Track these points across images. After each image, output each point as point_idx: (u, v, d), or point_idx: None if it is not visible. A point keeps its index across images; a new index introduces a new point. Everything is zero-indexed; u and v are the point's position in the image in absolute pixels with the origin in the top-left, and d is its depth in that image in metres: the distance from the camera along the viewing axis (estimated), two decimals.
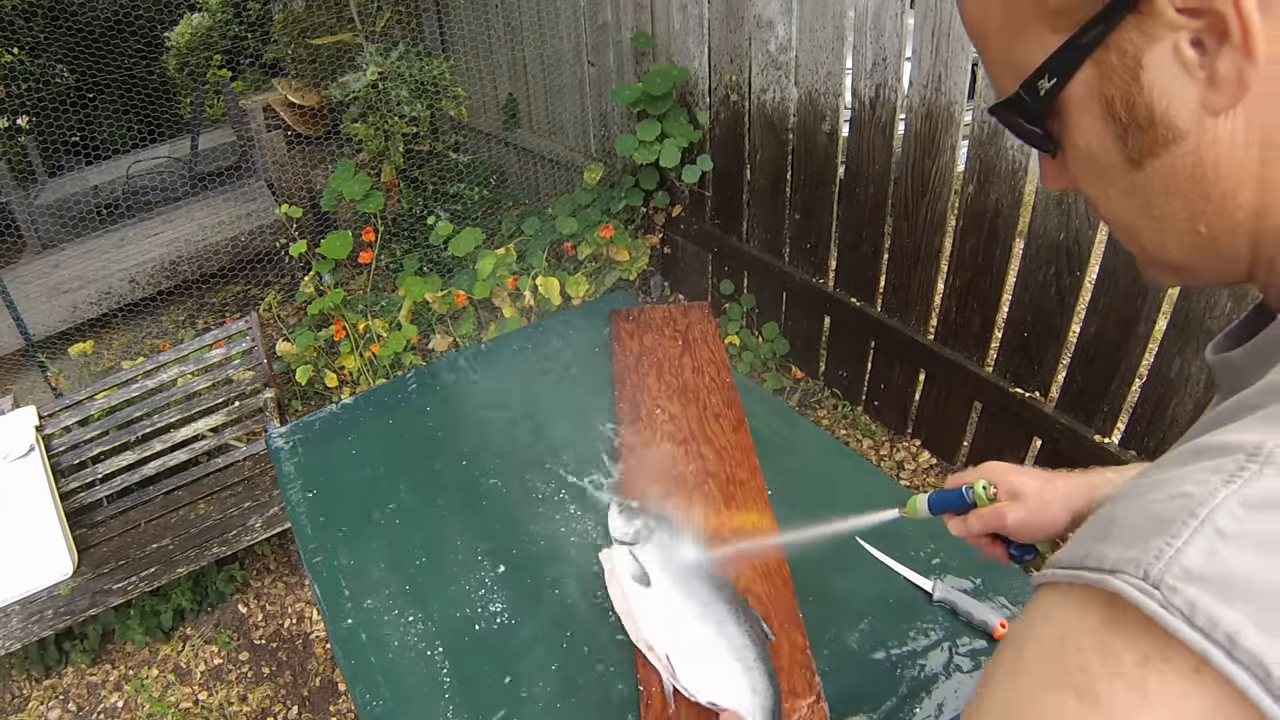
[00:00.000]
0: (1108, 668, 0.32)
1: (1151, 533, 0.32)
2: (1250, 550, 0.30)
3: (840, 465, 1.41)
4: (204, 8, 6.25)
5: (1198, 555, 0.31)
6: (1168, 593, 0.31)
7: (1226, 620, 0.29)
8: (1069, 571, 0.36)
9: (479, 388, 1.70)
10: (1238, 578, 0.30)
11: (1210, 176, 0.42)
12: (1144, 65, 0.41)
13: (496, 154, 4.82)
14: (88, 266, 4.30)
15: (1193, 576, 0.30)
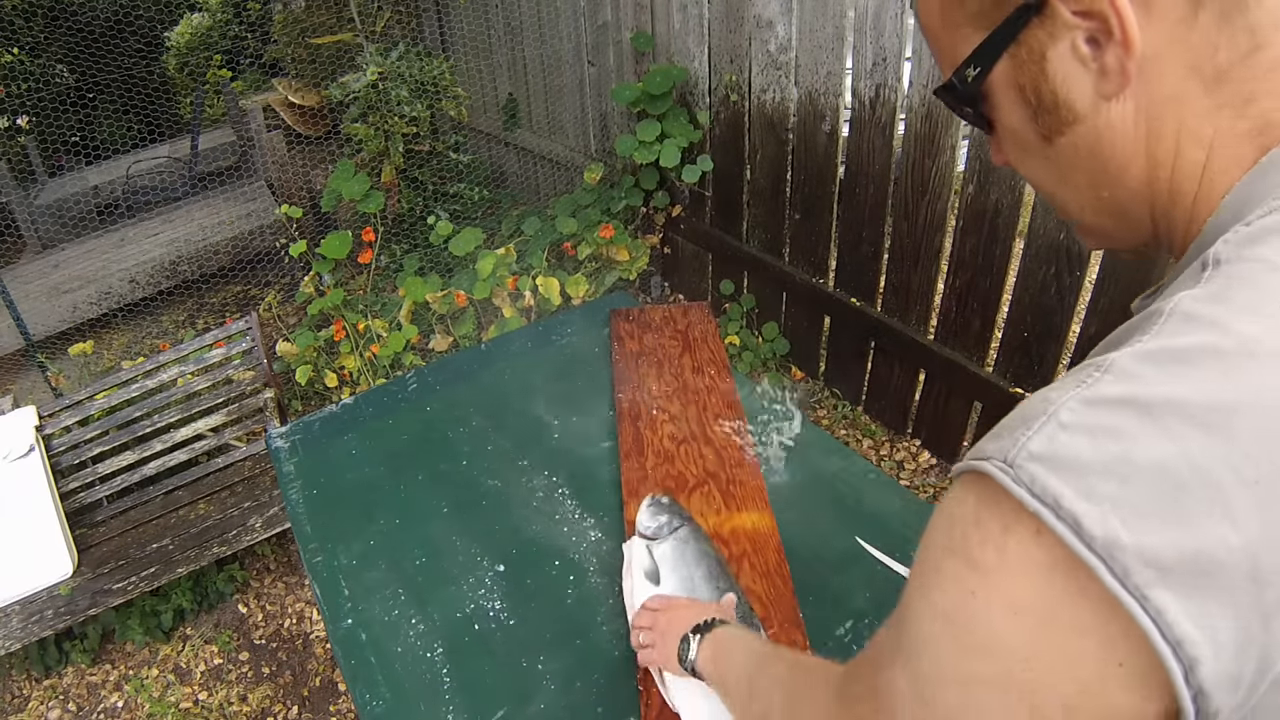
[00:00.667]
0: (980, 535, 0.41)
1: (1016, 428, 0.42)
2: (1079, 435, 0.39)
3: (840, 465, 1.41)
4: (204, 8, 6.25)
5: (1041, 441, 0.40)
6: (1018, 470, 0.40)
7: (1053, 487, 0.38)
8: (964, 463, 0.44)
9: (479, 388, 1.70)
10: (1065, 458, 0.38)
11: (1107, 152, 0.51)
12: (1048, 59, 0.50)
13: (496, 154, 4.82)
14: (88, 266, 4.30)
15: (1035, 457, 0.39)
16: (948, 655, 0.43)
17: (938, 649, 0.44)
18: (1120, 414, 0.38)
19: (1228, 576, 0.35)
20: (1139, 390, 0.39)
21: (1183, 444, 0.36)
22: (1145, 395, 0.38)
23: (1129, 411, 0.38)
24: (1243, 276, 0.42)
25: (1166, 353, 0.40)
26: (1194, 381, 0.38)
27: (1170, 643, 0.36)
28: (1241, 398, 0.37)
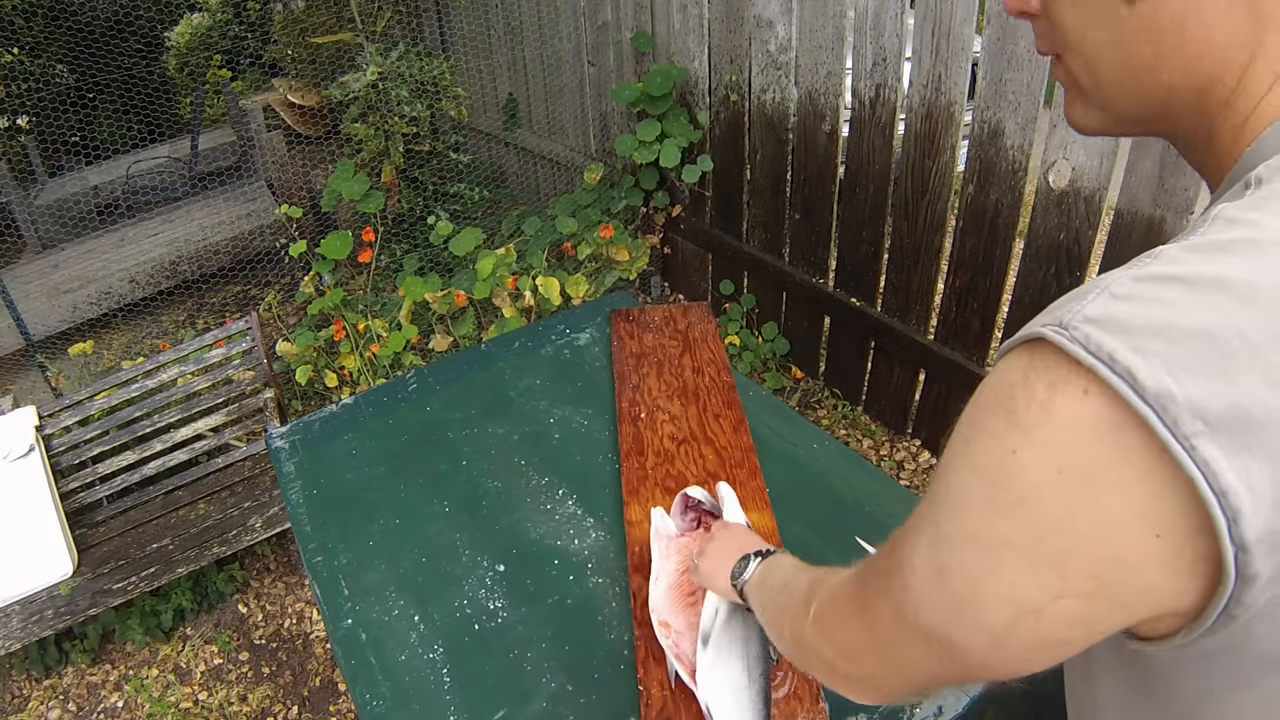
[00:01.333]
0: (1026, 395, 0.42)
1: (1069, 301, 0.43)
2: (1131, 304, 0.41)
3: (840, 465, 1.41)
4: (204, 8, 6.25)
5: (1095, 308, 0.41)
6: (1072, 331, 0.41)
7: (1108, 344, 0.40)
8: (1009, 340, 0.45)
9: (479, 388, 1.70)
10: (1118, 320, 0.40)
11: (1189, 32, 0.47)
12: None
13: (496, 154, 4.82)
14: (88, 266, 4.30)
15: (1090, 320, 0.41)
16: (976, 515, 0.44)
17: (965, 507, 0.44)
18: (1168, 287, 0.41)
19: (1266, 434, 0.37)
20: (1185, 270, 0.41)
21: (1225, 313, 0.39)
22: (1191, 273, 0.41)
23: (1176, 285, 0.40)
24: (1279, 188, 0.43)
25: (1210, 244, 0.42)
26: (1234, 264, 0.40)
27: (1216, 493, 0.37)
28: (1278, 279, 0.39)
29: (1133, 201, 1.94)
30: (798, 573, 0.75)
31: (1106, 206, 2.02)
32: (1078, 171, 2.02)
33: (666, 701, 1.02)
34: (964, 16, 2.11)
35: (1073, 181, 2.04)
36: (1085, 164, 2.00)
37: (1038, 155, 2.11)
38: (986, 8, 2.06)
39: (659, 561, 1.13)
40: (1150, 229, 1.93)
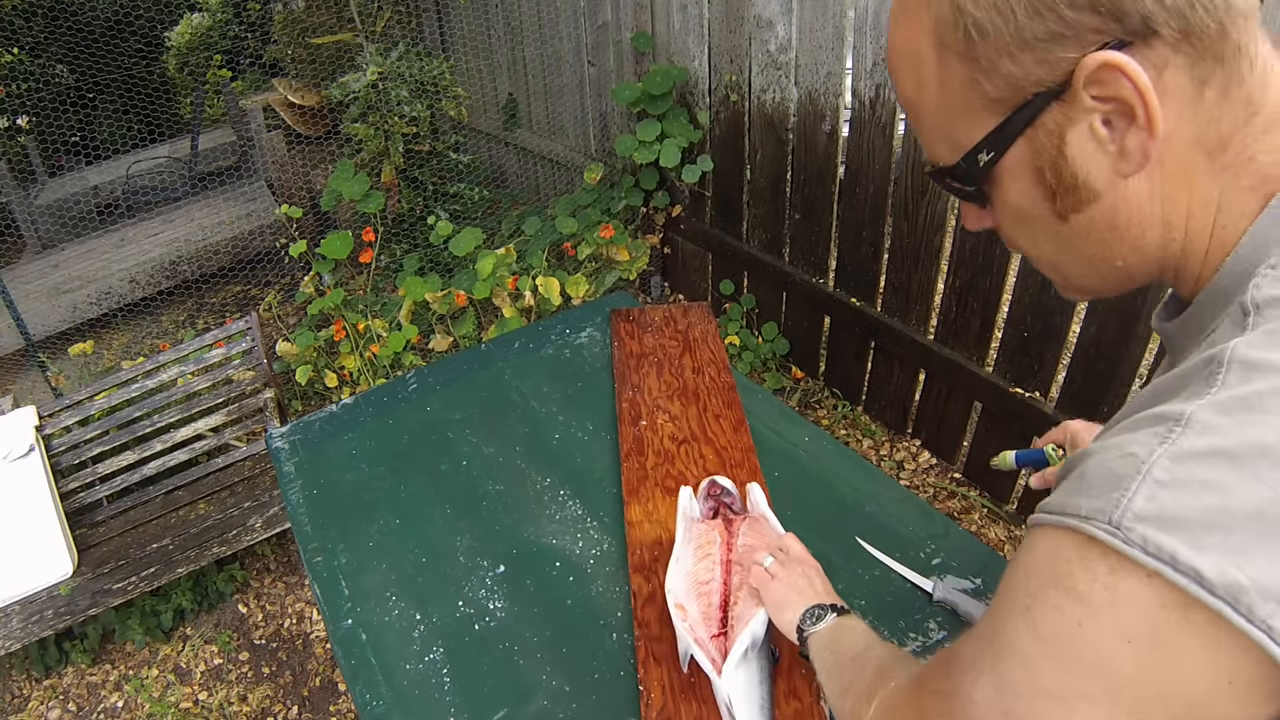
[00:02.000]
0: (1087, 574, 0.44)
1: (1111, 487, 0.44)
2: (1178, 492, 0.42)
3: (840, 465, 1.41)
4: (204, 8, 6.25)
5: (1142, 502, 0.42)
6: (1126, 532, 0.42)
7: (1168, 545, 0.41)
8: (1055, 517, 0.47)
9: (479, 388, 1.70)
10: (1171, 515, 0.41)
11: (1123, 224, 0.53)
12: (1067, 141, 0.51)
13: (496, 154, 4.82)
14: (88, 266, 4.30)
15: (1141, 518, 0.42)
16: (1046, 673, 0.46)
17: (1034, 665, 0.46)
18: (1211, 467, 0.42)
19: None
20: (1222, 441, 0.42)
21: (1272, 485, 0.40)
22: (1229, 445, 0.42)
23: (1219, 463, 0.41)
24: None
25: (1238, 402, 0.43)
26: (1268, 425, 0.41)
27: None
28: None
29: None
30: (868, 650, 0.78)
31: None
32: None
33: (667, 701, 1.02)
34: None
35: None
36: None
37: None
38: None
39: (680, 543, 1.13)
40: None
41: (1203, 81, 0.49)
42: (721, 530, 1.16)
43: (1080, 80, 0.49)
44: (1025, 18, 0.49)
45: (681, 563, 1.11)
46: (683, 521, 1.16)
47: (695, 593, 1.08)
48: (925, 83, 0.55)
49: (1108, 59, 0.48)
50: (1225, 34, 0.48)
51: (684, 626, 1.02)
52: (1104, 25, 0.48)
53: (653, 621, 1.12)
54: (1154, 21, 0.47)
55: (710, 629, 1.04)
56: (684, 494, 1.20)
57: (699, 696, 1.02)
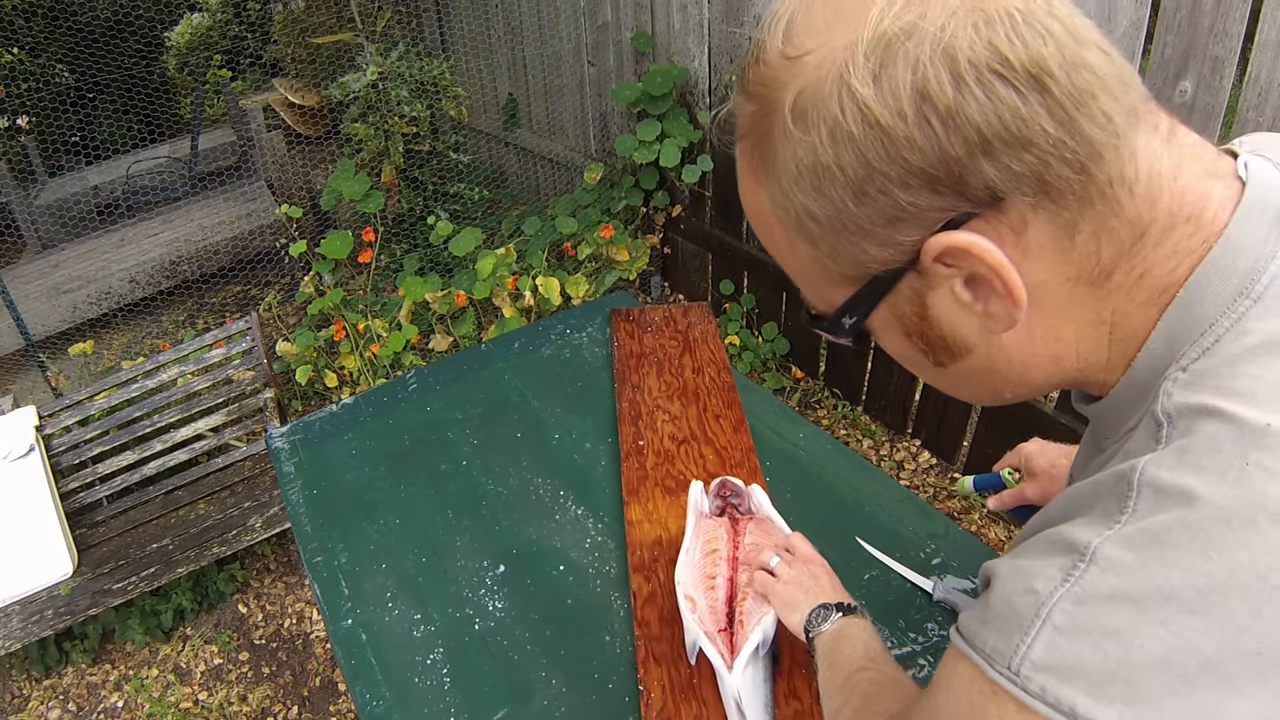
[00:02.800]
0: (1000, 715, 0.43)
1: (1013, 628, 0.43)
2: (1078, 640, 0.40)
3: (840, 465, 1.41)
4: (204, 8, 6.25)
5: (1040, 649, 0.41)
6: (1025, 681, 0.42)
7: (1066, 697, 0.40)
8: (965, 645, 0.47)
9: (479, 388, 1.70)
10: (1070, 665, 0.40)
11: (1003, 369, 0.51)
12: (929, 304, 0.49)
13: (496, 154, 4.82)
14: (88, 266, 4.30)
15: (1039, 667, 0.41)
16: None
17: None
18: (1113, 612, 0.40)
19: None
20: (1124, 584, 0.40)
21: (1178, 633, 0.38)
22: (1132, 589, 0.40)
23: (1120, 608, 0.40)
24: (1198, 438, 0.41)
25: (1145, 536, 0.40)
26: (1174, 564, 0.39)
27: None
28: (1224, 574, 0.38)
29: None
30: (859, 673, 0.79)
31: None
32: None
33: (667, 701, 1.02)
34: None
35: None
36: None
37: None
38: None
39: (690, 536, 1.14)
40: None
41: (1071, 227, 0.45)
42: (728, 528, 1.17)
43: (928, 258, 0.46)
44: (854, 206, 0.46)
45: (690, 554, 1.11)
46: (693, 515, 1.17)
47: (703, 587, 1.09)
48: (778, 246, 0.53)
49: (953, 242, 0.44)
50: (1090, 176, 0.43)
51: (693, 619, 1.03)
52: (946, 203, 0.44)
53: (653, 621, 1.12)
54: (1002, 191, 0.43)
55: (717, 624, 1.04)
56: (695, 488, 1.21)
57: (699, 697, 1.02)
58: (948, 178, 0.43)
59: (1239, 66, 1.71)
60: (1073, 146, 0.43)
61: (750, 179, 0.51)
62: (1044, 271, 0.46)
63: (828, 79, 0.44)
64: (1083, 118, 0.42)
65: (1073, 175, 0.43)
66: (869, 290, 0.50)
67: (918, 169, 0.43)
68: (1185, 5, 1.72)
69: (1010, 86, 0.41)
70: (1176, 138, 0.47)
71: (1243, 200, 0.45)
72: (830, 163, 0.45)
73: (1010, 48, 0.41)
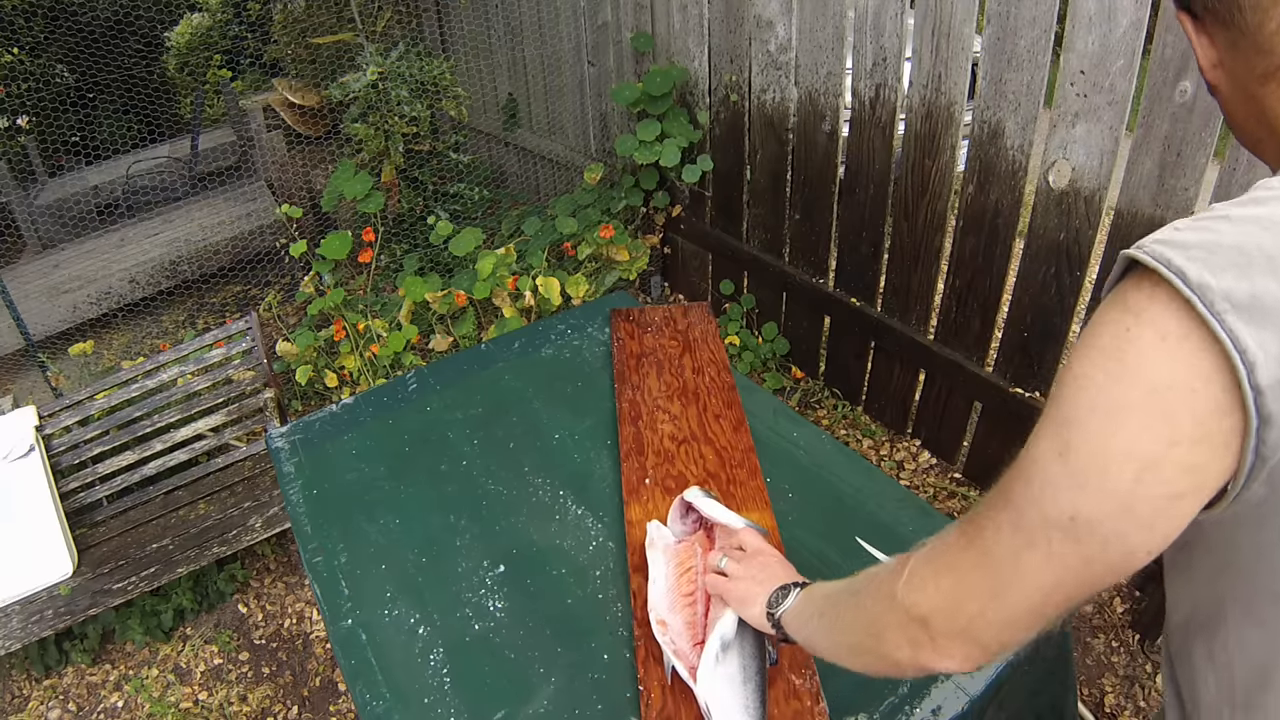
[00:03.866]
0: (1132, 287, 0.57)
1: (1148, 236, 0.58)
2: (1185, 230, 0.57)
3: (840, 465, 1.41)
4: (204, 8, 6.25)
5: (1161, 234, 0.58)
6: (1141, 248, 0.57)
7: (1164, 253, 0.55)
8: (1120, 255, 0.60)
9: (479, 388, 1.70)
10: (1175, 239, 0.56)
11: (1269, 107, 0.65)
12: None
13: (496, 154, 4.82)
14: (88, 266, 4.30)
15: (1157, 240, 0.57)
16: (1096, 387, 0.56)
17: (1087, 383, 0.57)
18: (1213, 221, 0.56)
19: (1276, 315, 0.51)
20: (1225, 211, 0.57)
21: (1251, 235, 0.54)
22: (1229, 213, 0.57)
23: (1218, 220, 0.56)
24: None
25: (1248, 199, 0.58)
26: (1263, 208, 0.56)
27: (1239, 350, 0.51)
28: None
29: (1133, 201, 1.94)
30: (859, 576, 0.76)
31: (1106, 206, 2.01)
32: (1078, 171, 2.02)
33: (667, 701, 1.02)
34: (964, 16, 2.11)
35: (1073, 181, 2.04)
36: (1085, 164, 2.00)
37: (1038, 155, 2.11)
38: (986, 8, 2.06)
39: (655, 567, 1.14)
40: (1150, 229, 1.91)
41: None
42: (703, 541, 1.17)
43: None
44: None
45: (658, 583, 1.11)
46: (653, 551, 1.16)
47: (679, 605, 1.09)
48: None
49: None
50: None
51: (665, 640, 1.04)
52: None
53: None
54: None
55: (695, 637, 1.05)
56: (652, 527, 1.20)
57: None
58: None
59: None
60: None
61: None
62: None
63: None
64: None
65: None
66: None
67: None
68: None
69: None
70: None
71: None
72: None
73: None
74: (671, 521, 1.21)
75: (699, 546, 1.16)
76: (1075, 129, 1.98)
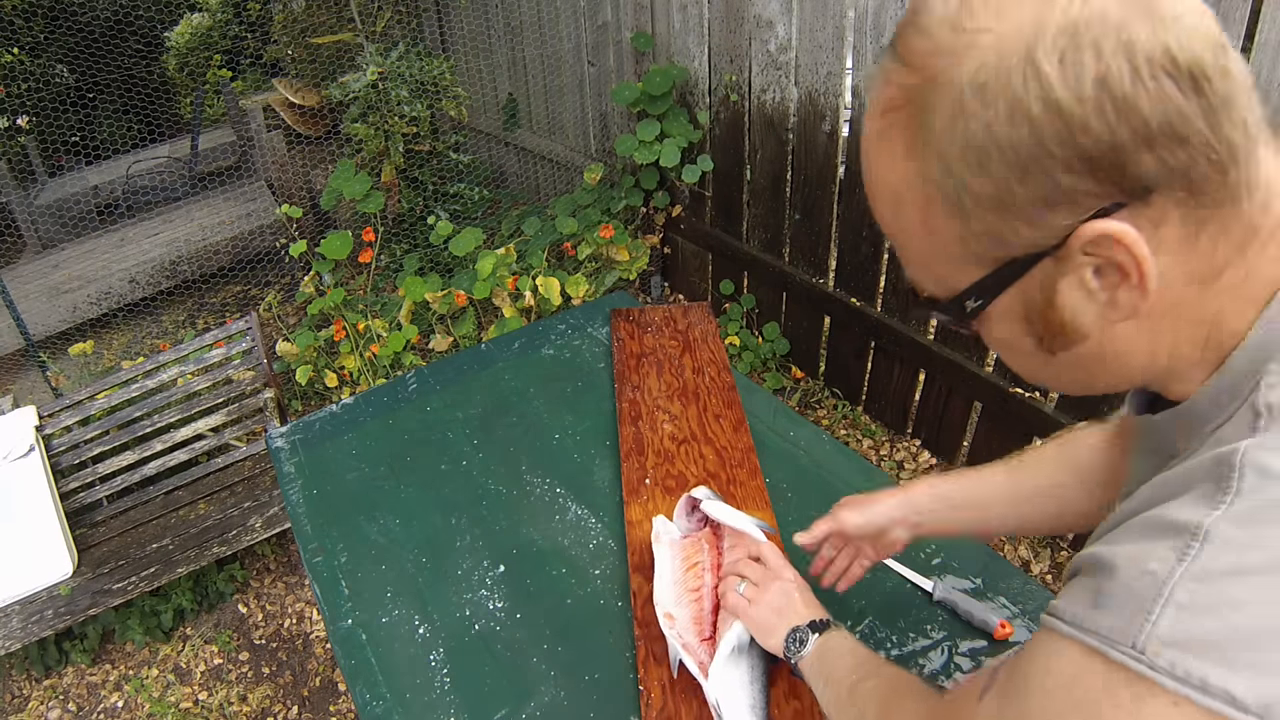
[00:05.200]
0: (1113, 707, 0.43)
1: (1134, 608, 0.43)
2: (1203, 615, 0.41)
3: (840, 465, 1.41)
4: (204, 8, 6.25)
5: (1167, 626, 0.42)
6: (1151, 659, 0.42)
7: (1197, 670, 0.41)
8: (1073, 629, 0.47)
9: (479, 388, 1.70)
10: (1198, 638, 0.41)
11: (1109, 357, 0.53)
12: (1058, 290, 0.50)
13: (496, 154, 4.82)
14: (88, 266, 4.30)
15: (1167, 643, 0.42)
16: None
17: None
18: (1234, 585, 0.41)
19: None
20: (1243, 559, 0.42)
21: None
22: (1251, 563, 0.42)
23: (1242, 581, 0.41)
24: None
25: (1255, 514, 0.43)
26: None
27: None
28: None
29: None
30: (864, 681, 0.79)
31: None
32: None
33: (667, 701, 1.02)
34: None
35: None
36: None
37: None
38: None
39: (661, 561, 1.14)
40: None
41: (1200, 225, 0.47)
42: (710, 538, 1.17)
43: (1077, 243, 0.48)
44: (1017, 185, 0.47)
45: (664, 578, 1.11)
46: (659, 546, 1.16)
47: (686, 600, 1.09)
48: (908, 223, 0.53)
49: (1107, 230, 0.46)
50: (1226, 178, 0.46)
51: (672, 634, 1.03)
52: (1103, 190, 0.46)
53: (653, 621, 1.12)
54: (1154, 183, 0.46)
55: (702, 632, 1.05)
56: (658, 522, 1.20)
57: (699, 697, 1.02)
58: (1111, 166, 0.45)
59: None
60: (1217, 148, 0.45)
61: (898, 152, 0.51)
62: (1167, 267, 0.48)
63: (1013, 56, 0.45)
64: (1227, 121, 0.45)
65: (1214, 175, 0.46)
66: (1003, 273, 0.51)
67: (1086, 154, 0.45)
68: None
69: (1175, 84, 0.44)
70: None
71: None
72: (1004, 140, 0.46)
73: (1178, 49, 0.44)
74: (677, 517, 1.21)
75: (705, 543, 1.16)
76: None
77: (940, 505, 0.98)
